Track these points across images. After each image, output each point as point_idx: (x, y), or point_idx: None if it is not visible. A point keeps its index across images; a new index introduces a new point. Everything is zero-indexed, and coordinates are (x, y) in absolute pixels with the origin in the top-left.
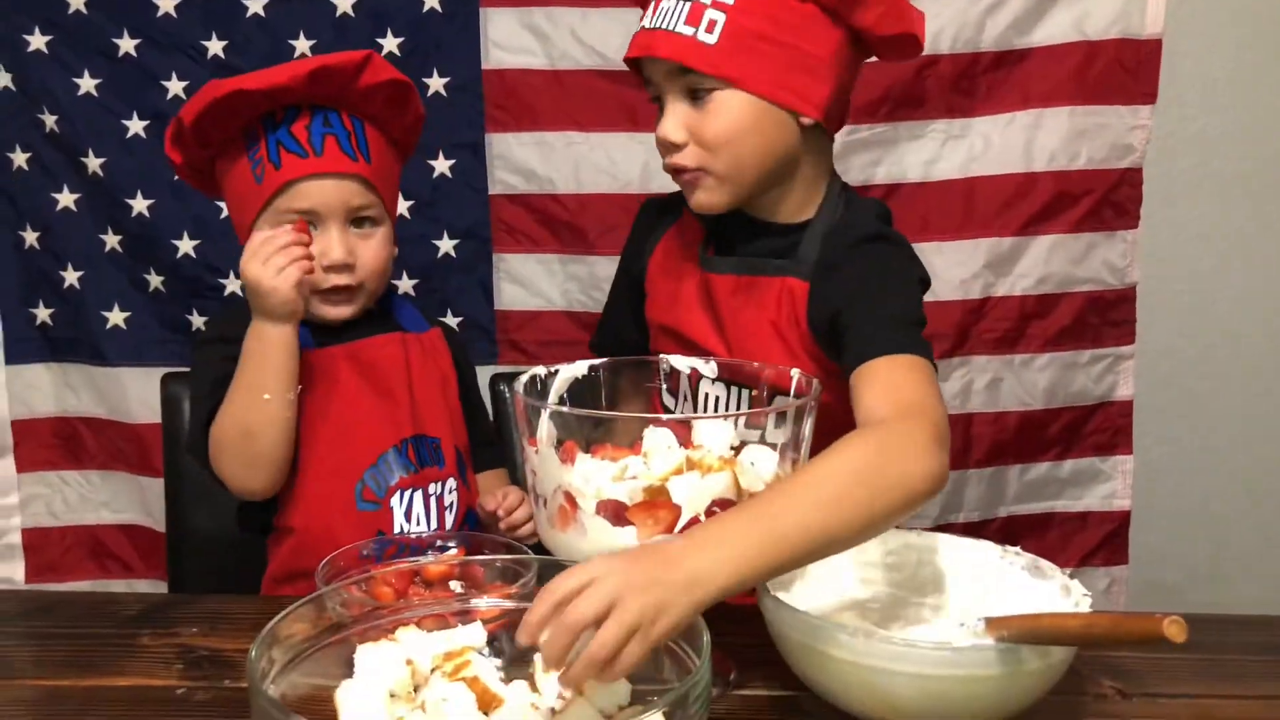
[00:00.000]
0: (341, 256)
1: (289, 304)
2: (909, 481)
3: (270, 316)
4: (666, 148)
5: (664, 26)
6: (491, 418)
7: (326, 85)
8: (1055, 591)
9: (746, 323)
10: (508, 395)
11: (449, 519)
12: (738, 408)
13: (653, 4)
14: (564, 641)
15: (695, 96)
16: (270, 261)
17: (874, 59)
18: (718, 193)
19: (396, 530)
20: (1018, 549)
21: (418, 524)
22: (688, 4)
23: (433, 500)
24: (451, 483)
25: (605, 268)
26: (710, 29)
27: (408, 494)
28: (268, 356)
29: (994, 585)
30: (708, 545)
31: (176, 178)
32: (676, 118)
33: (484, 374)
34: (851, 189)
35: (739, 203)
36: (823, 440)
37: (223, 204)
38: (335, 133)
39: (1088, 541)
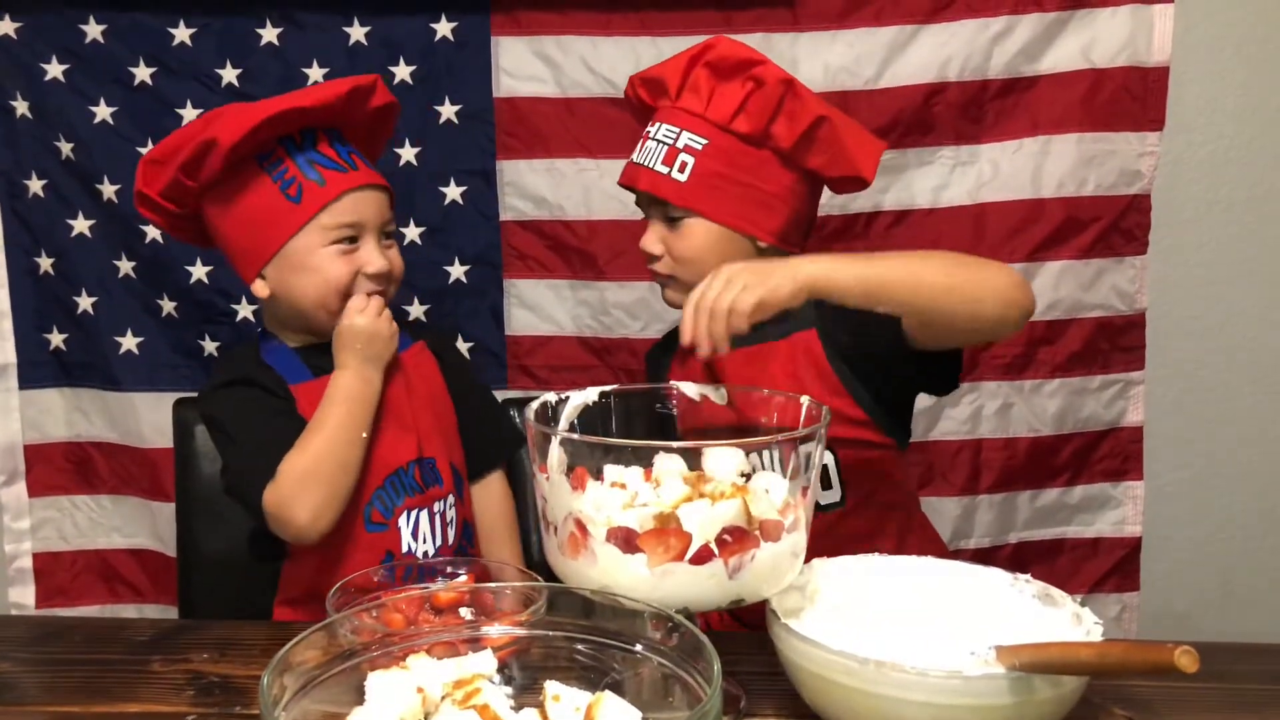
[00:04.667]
0: (385, 266)
1: (392, 343)
2: (999, 282)
3: (373, 361)
4: (647, 256)
5: (646, 164)
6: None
7: (354, 104)
8: (1066, 620)
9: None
10: (518, 421)
11: (450, 534)
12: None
13: (641, 140)
14: (698, 320)
15: (670, 219)
16: (368, 310)
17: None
18: (685, 294)
19: (404, 549)
20: (1028, 576)
21: (424, 542)
22: (665, 147)
23: (436, 518)
24: (450, 499)
25: (615, 293)
26: (682, 169)
27: (414, 514)
28: (368, 398)
29: (1004, 613)
30: (810, 258)
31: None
32: (655, 234)
33: None
34: None
35: None
36: (861, 485)
37: None
38: (355, 151)
39: (1099, 568)
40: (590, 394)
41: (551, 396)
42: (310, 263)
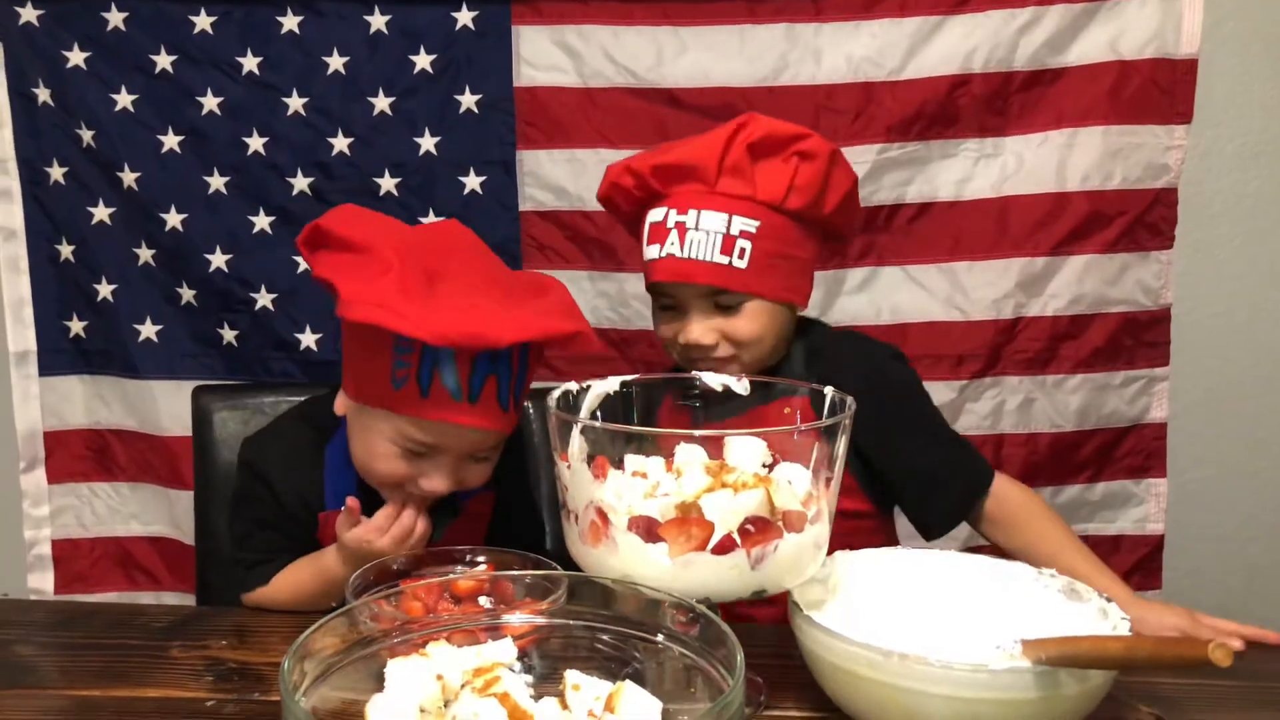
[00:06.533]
0: (445, 491)
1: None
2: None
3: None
4: (695, 349)
5: (700, 257)
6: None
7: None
8: (1092, 614)
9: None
10: (533, 412)
11: None
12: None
13: (674, 234)
14: None
15: (723, 306)
16: (393, 537)
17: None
18: (736, 370)
19: None
20: (1053, 571)
21: None
22: (719, 236)
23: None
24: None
25: (635, 285)
26: (741, 255)
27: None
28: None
29: (1029, 607)
30: None
31: (211, 193)
32: (706, 325)
33: None
34: (813, 323)
35: None
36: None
37: (256, 219)
38: (499, 371)
39: (1120, 565)
40: (612, 383)
41: (573, 385)
42: (372, 443)
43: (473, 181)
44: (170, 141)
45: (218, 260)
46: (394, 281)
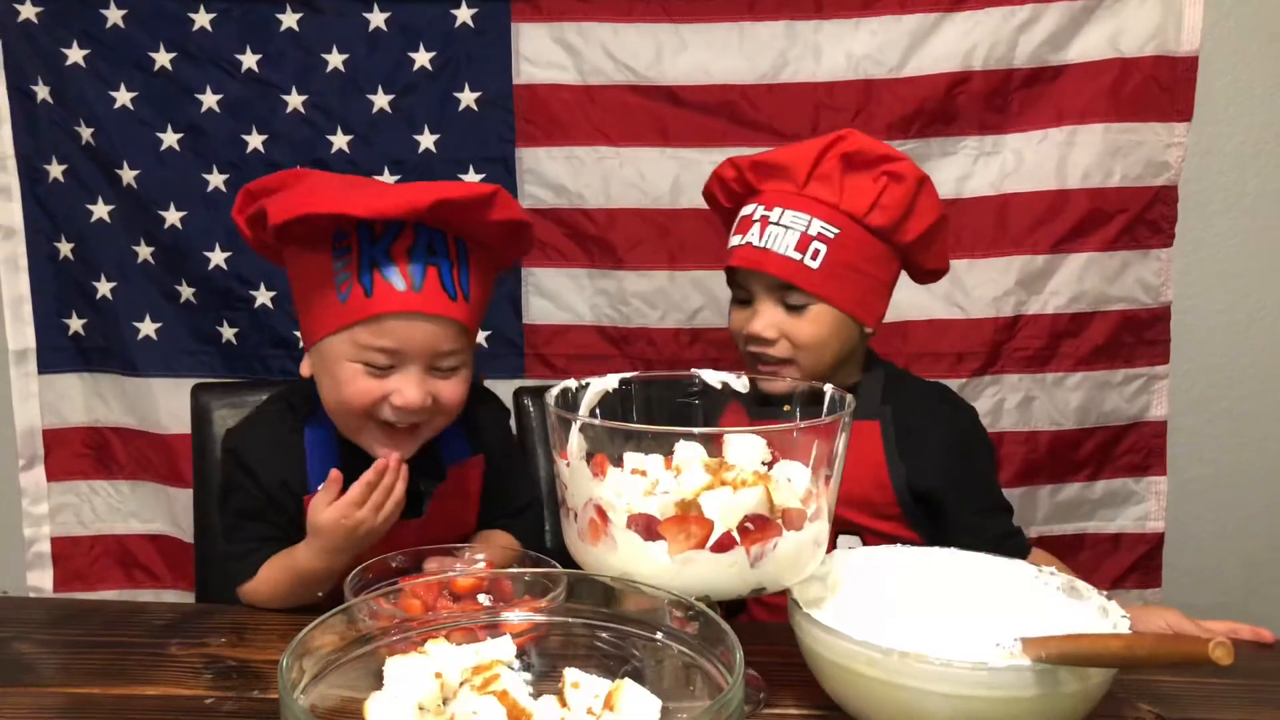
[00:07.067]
0: (418, 402)
1: (377, 537)
2: None
3: (351, 555)
4: (756, 340)
5: (774, 249)
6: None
7: (445, 216)
8: (1093, 612)
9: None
10: (532, 409)
11: None
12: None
13: (756, 227)
14: None
15: (790, 305)
16: (385, 510)
17: None
18: (792, 379)
19: None
20: (1053, 569)
21: None
22: (796, 234)
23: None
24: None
25: (634, 283)
26: (815, 256)
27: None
28: (327, 578)
29: (1029, 606)
30: None
31: (210, 190)
32: (770, 319)
33: (509, 387)
34: (890, 364)
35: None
36: None
37: None
38: (438, 263)
39: (1120, 564)
40: (611, 381)
41: (572, 383)
42: (337, 371)
43: (472, 179)
44: (169, 139)
45: (217, 258)
46: (318, 180)
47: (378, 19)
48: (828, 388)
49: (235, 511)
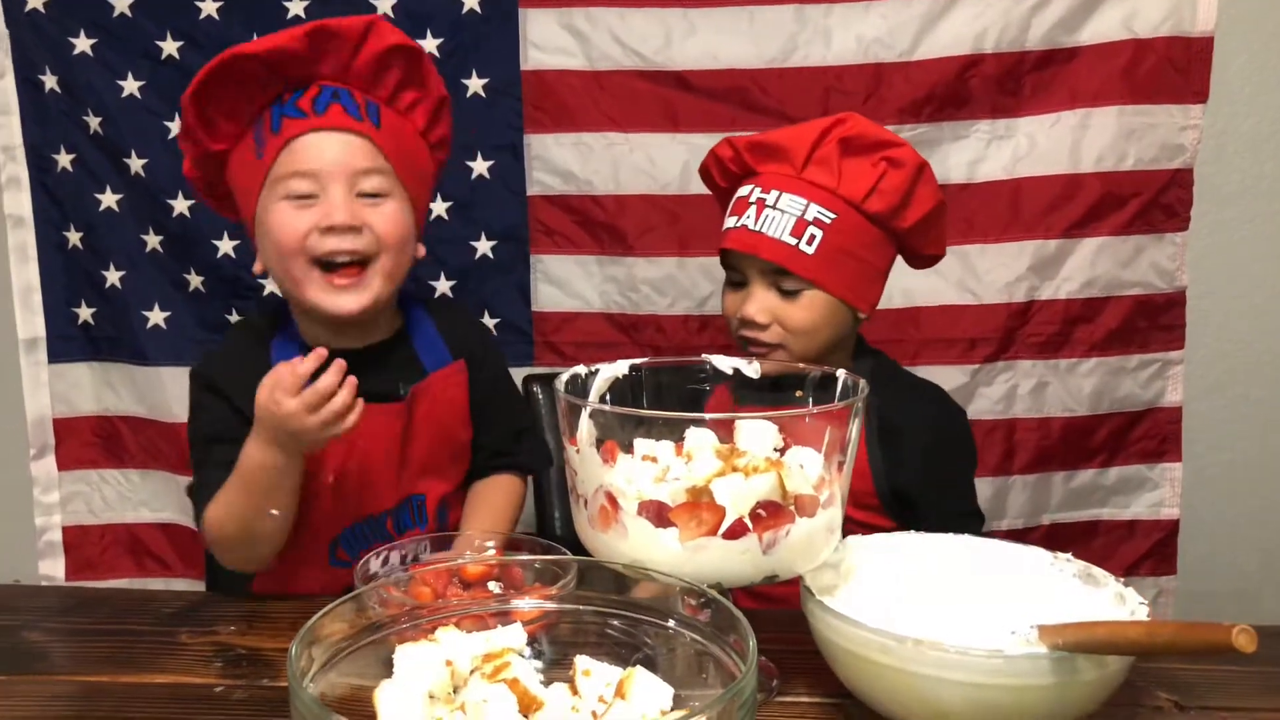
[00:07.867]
0: (345, 218)
1: (321, 445)
2: None
3: (293, 452)
4: (748, 325)
5: (769, 233)
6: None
7: (329, 50)
8: (1109, 600)
9: None
10: (541, 396)
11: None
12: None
13: (752, 209)
14: None
15: (784, 290)
16: (320, 414)
17: None
18: (782, 362)
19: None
20: (1069, 556)
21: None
22: (792, 218)
23: (409, 559)
24: (426, 542)
25: (643, 269)
26: (810, 241)
27: (383, 554)
28: (283, 482)
29: (1045, 593)
30: None
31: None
32: (763, 303)
33: (519, 375)
34: (880, 353)
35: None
36: None
37: None
38: (342, 101)
39: (1134, 551)
40: (620, 367)
41: (582, 369)
42: (270, 222)
43: (480, 166)
44: (177, 128)
45: (225, 246)
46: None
47: (385, 6)
48: (840, 373)
49: (203, 439)
